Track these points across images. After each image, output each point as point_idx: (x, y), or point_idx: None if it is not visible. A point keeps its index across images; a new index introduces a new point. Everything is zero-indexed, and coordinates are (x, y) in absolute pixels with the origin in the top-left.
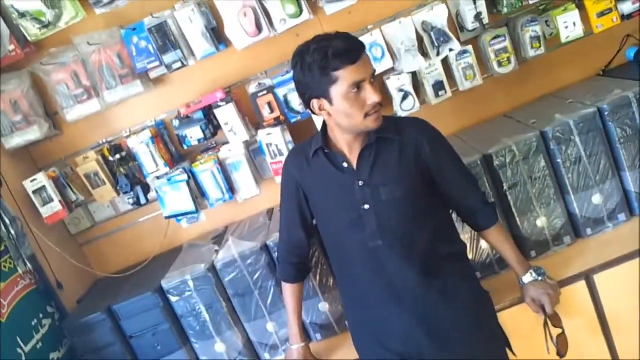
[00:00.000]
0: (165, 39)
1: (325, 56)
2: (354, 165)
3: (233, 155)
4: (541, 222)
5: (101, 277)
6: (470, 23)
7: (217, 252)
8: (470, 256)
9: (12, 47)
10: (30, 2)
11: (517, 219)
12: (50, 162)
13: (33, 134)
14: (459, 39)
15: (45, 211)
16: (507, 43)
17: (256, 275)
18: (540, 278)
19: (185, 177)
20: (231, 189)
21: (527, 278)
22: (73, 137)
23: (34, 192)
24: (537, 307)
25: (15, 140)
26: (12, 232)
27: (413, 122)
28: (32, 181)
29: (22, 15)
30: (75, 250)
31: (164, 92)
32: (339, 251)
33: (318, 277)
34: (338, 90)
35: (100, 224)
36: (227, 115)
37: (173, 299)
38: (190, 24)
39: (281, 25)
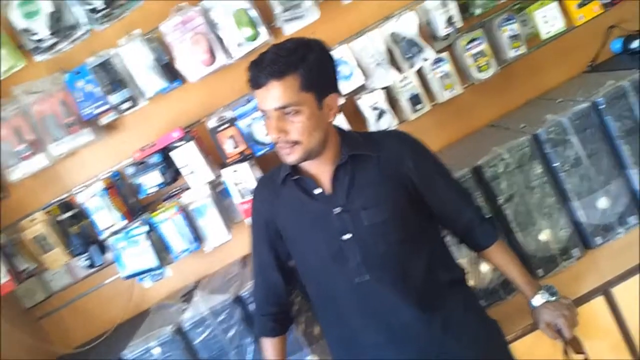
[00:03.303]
0: (111, 78)
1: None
2: (328, 189)
3: (197, 199)
4: (545, 235)
5: (65, 353)
6: (442, 29)
7: (185, 310)
8: (470, 283)
9: None
10: None
11: (518, 234)
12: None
13: None
14: (432, 48)
15: None
16: (484, 46)
17: (231, 333)
18: (553, 298)
19: (144, 229)
20: (198, 237)
21: (538, 300)
22: (22, 199)
23: None
24: (553, 332)
25: None
26: None
27: (391, 135)
28: None
29: None
30: (31, 325)
31: (118, 139)
32: (321, 292)
33: (303, 327)
34: None
35: (58, 293)
36: (186, 155)
37: None
38: (136, 60)
39: (238, 50)
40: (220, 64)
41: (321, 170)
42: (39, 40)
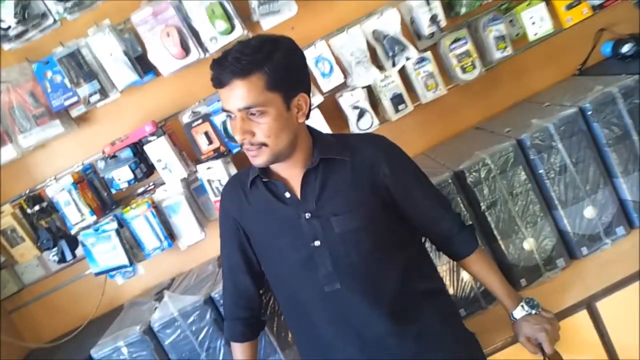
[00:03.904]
0: (79, 69)
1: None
2: (298, 194)
3: (170, 196)
4: (529, 244)
5: (35, 348)
6: (426, 27)
7: (156, 309)
8: (450, 291)
9: None
10: None
11: (501, 242)
12: None
13: None
14: (416, 47)
15: None
16: (469, 46)
17: (201, 335)
18: (533, 311)
19: (114, 225)
20: (170, 235)
21: (519, 312)
22: None
23: None
24: (533, 346)
25: None
26: None
27: (367, 139)
28: None
29: None
30: (1, 318)
31: (90, 132)
32: (290, 300)
33: (275, 330)
34: None
35: (30, 287)
36: (159, 150)
37: None
38: (106, 51)
39: (212, 44)
40: (194, 58)
41: (291, 174)
42: (6, 29)
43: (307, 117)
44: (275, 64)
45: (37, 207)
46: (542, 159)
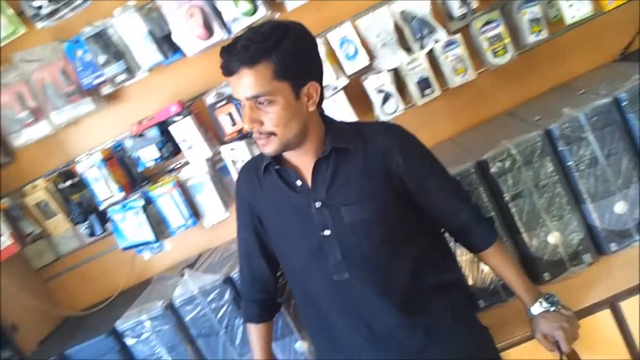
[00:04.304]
0: (106, 49)
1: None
2: (309, 182)
3: (195, 175)
4: (554, 238)
5: (68, 316)
6: (456, 8)
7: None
8: (470, 282)
9: None
10: None
11: (524, 235)
12: (6, 192)
13: None
14: (447, 29)
15: None
16: (501, 29)
17: (220, 313)
18: (552, 308)
19: (141, 202)
20: (195, 213)
21: (537, 309)
22: (28, 164)
23: None
24: (550, 344)
25: None
26: None
27: (381, 128)
28: None
29: None
30: (39, 286)
31: (120, 109)
32: (301, 287)
33: (292, 311)
34: None
35: (65, 257)
36: (184, 130)
37: (129, 341)
38: (131, 31)
39: (234, 25)
40: (217, 38)
41: (303, 162)
42: (39, 7)
43: (320, 104)
44: (284, 52)
45: (69, 182)
46: (572, 150)
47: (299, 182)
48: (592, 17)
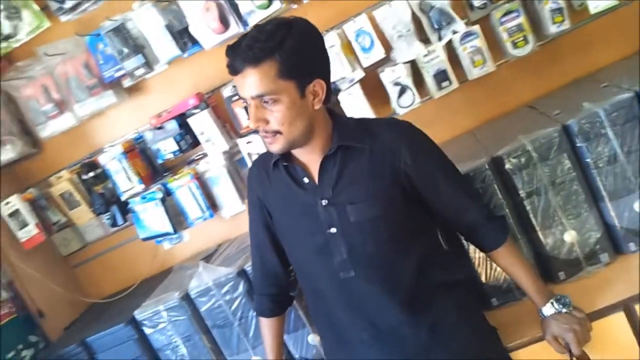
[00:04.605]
0: (125, 43)
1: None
2: (316, 179)
3: (212, 167)
4: (570, 236)
5: (93, 303)
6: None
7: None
8: (483, 279)
9: None
10: None
11: (540, 233)
12: (33, 182)
13: (6, 154)
14: (468, 18)
15: (22, 235)
16: (521, 19)
17: (234, 305)
18: (564, 310)
19: (160, 194)
20: (213, 205)
21: (548, 310)
22: (55, 155)
23: (10, 215)
24: (560, 346)
25: None
26: None
27: (389, 125)
28: (6, 204)
29: None
30: (67, 273)
31: (142, 101)
32: (308, 283)
33: (304, 305)
34: None
35: (91, 245)
36: (202, 123)
37: (148, 330)
38: (149, 25)
39: (250, 18)
40: (233, 32)
41: (310, 159)
42: (62, 1)
43: (327, 101)
44: (288, 51)
45: (91, 174)
46: (590, 146)
47: (306, 180)
48: (618, 6)
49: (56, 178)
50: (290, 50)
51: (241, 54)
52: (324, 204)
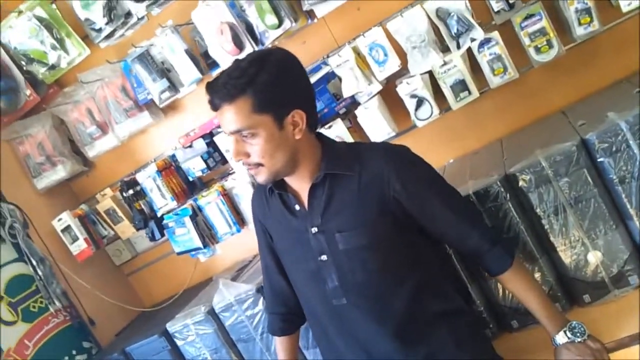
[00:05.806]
0: (151, 68)
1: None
2: (307, 207)
3: (238, 184)
4: (594, 257)
5: (142, 311)
6: (495, 2)
7: None
8: (500, 300)
9: (28, 92)
10: (29, 42)
11: (561, 254)
12: (88, 198)
13: (58, 173)
14: (487, 25)
15: (74, 249)
16: (544, 22)
17: (255, 320)
18: (578, 339)
19: (190, 211)
20: (242, 220)
21: (561, 338)
22: (101, 174)
23: (62, 230)
24: None
25: (44, 182)
26: (40, 272)
27: (380, 150)
28: (58, 220)
29: (30, 60)
30: (121, 281)
31: (179, 120)
32: (306, 305)
33: None
34: None
35: (141, 254)
36: (227, 141)
37: (179, 342)
38: (171, 50)
39: (265, 38)
40: (249, 52)
41: (301, 187)
42: (99, 30)
43: (314, 128)
44: (261, 86)
45: (131, 191)
46: (613, 161)
47: (297, 207)
48: None
49: (101, 195)
50: (263, 85)
51: (217, 92)
52: (313, 231)
